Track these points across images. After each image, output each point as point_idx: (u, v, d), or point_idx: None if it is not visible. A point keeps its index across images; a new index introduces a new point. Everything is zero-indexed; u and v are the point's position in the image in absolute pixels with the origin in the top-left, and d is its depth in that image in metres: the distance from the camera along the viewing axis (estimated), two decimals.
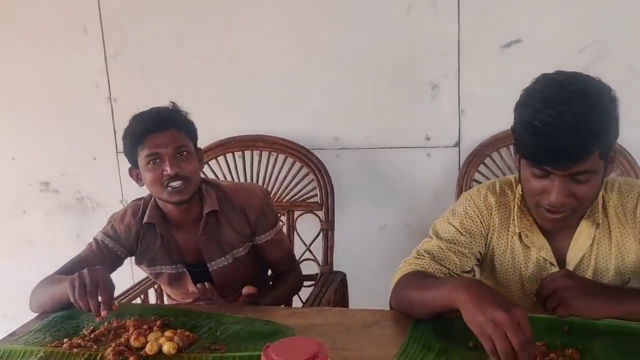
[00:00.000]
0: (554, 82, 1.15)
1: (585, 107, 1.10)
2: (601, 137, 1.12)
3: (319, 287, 1.83)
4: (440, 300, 1.14)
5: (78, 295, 1.23)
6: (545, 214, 1.21)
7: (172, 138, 1.50)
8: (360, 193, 2.15)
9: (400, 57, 2.02)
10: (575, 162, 1.11)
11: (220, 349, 1.15)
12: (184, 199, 1.52)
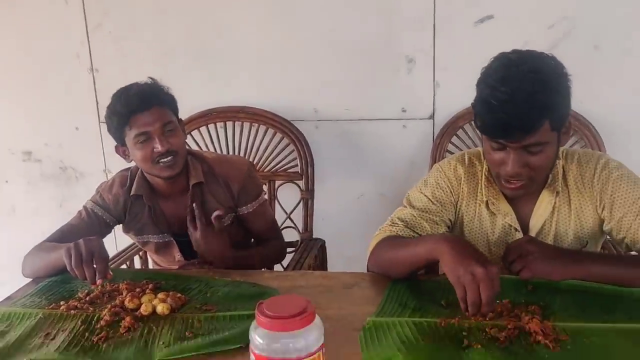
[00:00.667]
0: (509, 62, 1.23)
1: (535, 84, 1.18)
2: (551, 111, 1.21)
3: (299, 253, 1.92)
4: (421, 253, 1.24)
5: (74, 264, 1.28)
6: (505, 183, 1.31)
7: (157, 115, 1.53)
8: (339, 163, 2.22)
9: (378, 32, 2.08)
10: (526, 135, 1.21)
11: (211, 310, 1.23)
12: (174, 173, 1.57)
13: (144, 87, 1.57)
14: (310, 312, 0.87)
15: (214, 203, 1.68)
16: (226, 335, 1.10)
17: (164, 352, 1.07)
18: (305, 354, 0.85)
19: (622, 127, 2.01)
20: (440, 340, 1.06)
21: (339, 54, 2.13)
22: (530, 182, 1.30)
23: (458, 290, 1.10)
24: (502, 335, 1.05)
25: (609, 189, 1.33)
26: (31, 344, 1.13)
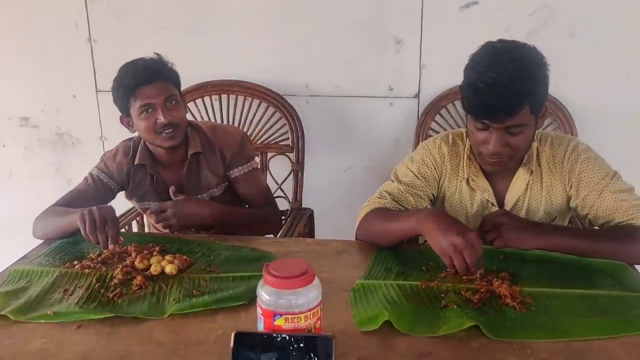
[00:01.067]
0: (495, 50, 1.36)
1: (518, 71, 1.31)
2: (531, 96, 1.34)
3: (290, 222, 2.04)
4: (406, 228, 1.37)
5: (89, 229, 1.38)
6: (487, 160, 1.44)
7: (161, 89, 1.62)
8: (328, 137, 2.33)
9: (369, 14, 2.17)
10: (508, 117, 1.34)
11: (215, 271, 1.35)
12: (176, 143, 1.67)
13: (150, 62, 1.66)
14: (311, 273, 1.00)
15: (208, 172, 1.78)
16: (230, 294, 1.23)
17: (175, 307, 1.18)
18: (306, 309, 0.98)
19: (593, 110, 2.14)
20: (421, 301, 1.20)
21: (331, 33, 2.21)
22: (509, 160, 1.43)
23: (445, 260, 1.24)
24: (475, 297, 1.19)
25: (577, 170, 1.47)
26: (52, 298, 1.24)
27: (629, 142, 2.15)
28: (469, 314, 1.12)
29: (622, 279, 1.27)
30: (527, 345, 1.04)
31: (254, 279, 1.29)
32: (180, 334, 1.11)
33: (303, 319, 0.98)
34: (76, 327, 1.13)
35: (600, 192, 1.43)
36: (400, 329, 1.09)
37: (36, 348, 1.07)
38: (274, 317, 0.98)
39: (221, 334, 1.10)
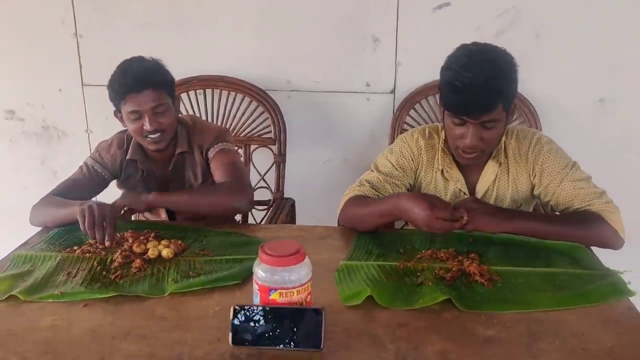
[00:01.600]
0: (470, 52, 1.48)
1: (492, 72, 1.44)
2: (504, 94, 1.47)
3: (273, 211, 2.14)
4: (386, 211, 1.50)
5: (87, 225, 1.45)
6: (462, 154, 1.57)
7: (150, 97, 1.66)
8: (308, 131, 2.42)
9: (348, 13, 2.27)
10: (484, 113, 1.47)
11: (208, 254, 1.45)
12: (161, 147, 1.74)
13: (144, 68, 1.69)
14: (302, 252, 1.11)
15: (192, 170, 1.84)
16: (225, 274, 1.33)
17: (174, 286, 1.28)
18: (298, 284, 1.09)
19: (556, 105, 2.28)
20: (400, 279, 1.32)
21: (312, 31, 2.31)
22: (482, 153, 1.56)
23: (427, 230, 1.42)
24: (448, 275, 1.31)
25: (540, 161, 1.61)
26: (56, 280, 1.33)
27: (587, 134, 2.29)
28: (442, 289, 1.24)
29: (578, 258, 1.41)
30: (493, 315, 1.17)
31: (246, 261, 1.39)
32: (181, 310, 1.21)
33: (295, 294, 1.09)
34: (83, 306, 1.23)
35: (561, 181, 1.57)
36: (381, 303, 1.21)
37: (47, 324, 1.16)
38: (270, 291, 1.09)
39: (218, 310, 1.20)
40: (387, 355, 1.05)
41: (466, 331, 1.13)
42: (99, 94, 2.45)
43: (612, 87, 2.26)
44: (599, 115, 2.31)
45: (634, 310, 1.21)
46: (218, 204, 1.66)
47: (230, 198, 1.67)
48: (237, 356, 1.05)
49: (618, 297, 1.24)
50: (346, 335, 1.11)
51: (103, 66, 2.42)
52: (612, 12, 2.18)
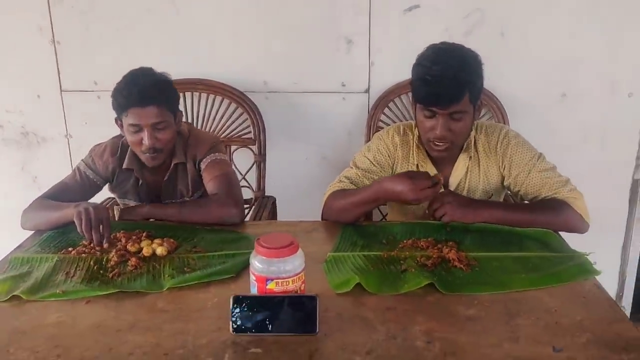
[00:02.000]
0: (439, 50, 1.60)
1: (459, 65, 1.56)
2: (470, 86, 1.58)
3: (256, 209, 2.21)
4: (371, 195, 1.60)
5: (85, 228, 1.50)
6: (434, 147, 1.67)
7: (152, 113, 1.68)
8: (286, 130, 2.49)
9: (322, 15, 2.35)
10: (452, 103, 1.58)
11: (201, 251, 1.51)
12: (157, 164, 1.77)
13: (150, 84, 1.70)
14: (296, 244, 1.19)
15: (184, 182, 1.88)
16: (219, 269, 1.40)
17: (171, 281, 1.34)
18: (292, 274, 1.17)
19: (522, 100, 2.40)
20: (385, 267, 1.40)
21: (287, 34, 2.38)
22: (452, 145, 1.66)
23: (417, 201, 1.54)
24: (429, 262, 1.40)
25: (508, 153, 1.72)
26: (56, 280, 1.37)
27: (550, 127, 2.42)
28: (425, 275, 1.33)
29: (548, 243, 1.52)
30: (474, 297, 1.27)
31: (238, 256, 1.47)
32: (181, 304, 1.27)
33: (291, 282, 1.17)
34: (85, 303, 1.28)
35: (529, 172, 1.68)
36: (369, 289, 1.29)
37: (53, 321, 1.21)
38: (266, 282, 1.16)
39: (216, 301, 1.27)
40: (378, 336, 1.13)
41: (449, 312, 1.22)
42: (77, 99, 2.51)
43: (573, 83, 2.39)
44: (561, 109, 2.44)
45: (600, 287, 1.32)
46: (209, 216, 1.69)
47: (221, 211, 1.69)
48: (239, 343, 1.12)
49: (585, 276, 1.36)
50: (339, 320, 1.19)
51: (81, 72, 2.49)
52: (572, 13, 2.31)
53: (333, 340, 1.12)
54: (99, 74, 2.47)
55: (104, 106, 2.45)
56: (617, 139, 2.47)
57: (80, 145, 2.55)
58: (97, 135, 2.01)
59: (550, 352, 1.08)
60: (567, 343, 1.10)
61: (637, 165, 2.51)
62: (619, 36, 2.33)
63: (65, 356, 1.09)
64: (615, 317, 1.20)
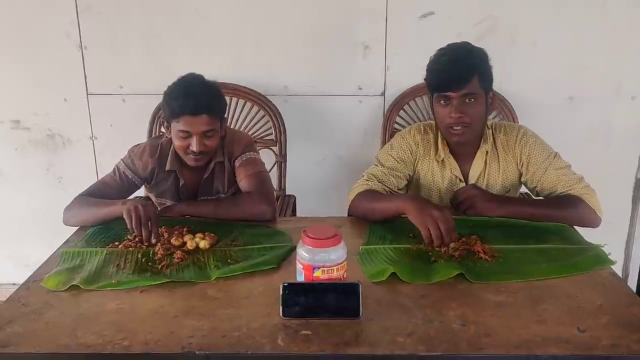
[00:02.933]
0: (448, 46, 1.77)
1: (466, 52, 1.74)
2: (479, 69, 1.73)
3: (279, 208, 2.30)
4: (392, 209, 1.68)
5: (135, 224, 1.58)
6: (452, 132, 1.77)
7: (204, 122, 1.75)
8: (304, 132, 2.59)
9: (339, 22, 2.45)
10: (463, 84, 1.70)
11: (240, 244, 1.61)
12: (199, 165, 1.86)
13: (205, 94, 1.76)
14: (339, 235, 1.29)
15: (221, 180, 1.95)
16: (261, 260, 1.49)
17: (218, 272, 1.43)
18: (337, 262, 1.27)
19: (531, 103, 2.51)
20: (415, 258, 1.51)
21: (306, 39, 2.48)
22: (469, 129, 1.77)
23: (423, 231, 1.53)
24: (456, 254, 1.50)
25: (526, 151, 1.83)
26: (108, 271, 1.46)
27: (558, 128, 2.52)
28: (453, 266, 1.43)
29: (565, 236, 1.63)
30: (500, 285, 1.37)
31: (276, 249, 1.56)
32: (230, 292, 1.37)
33: (335, 271, 1.27)
34: (140, 292, 1.37)
35: (546, 169, 1.79)
36: (403, 279, 1.39)
37: (114, 308, 1.30)
38: (313, 270, 1.26)
39: (262, 290, 1.37)
40: (416, 320, 1.23)
41: (479, 298, 1.32)
42: (103, 102, 2.60)
43: (579, 86, 2.51)
44: (567, 111, 2.55)
45: (616, 275, 1.43)
46: (244, 213, 1.77)
47: (255, 208, 1.78)
48: (289, 326, 1.21)
49: (602, 265, 1.46)
50: (378, 306, 1.29)
51: (107, 76, 2.58)
52: (578, 20, 2.43)
53: (376, 324, 1.22)
54: (125, 78, 2.56)
55: (129, 109, 2.59)
56: (621, 139, 2.59)
57: (105, 147, 2.64)
58: (121, 138, 2.09)
59: (575, 332, 1.18)
60: (590, 324, 1.21)
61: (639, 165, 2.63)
62: (622, 43, 2.45)
63: (130, 339, 1.18)
64: (632, 301, 1.31)
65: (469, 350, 1.13)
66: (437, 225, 1.50)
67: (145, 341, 1.17)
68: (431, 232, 1.51)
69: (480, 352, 1.13)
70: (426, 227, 1.52)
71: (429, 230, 1.51)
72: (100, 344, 1.16)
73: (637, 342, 1.15)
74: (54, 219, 1.82)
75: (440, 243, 1.51)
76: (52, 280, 1.41)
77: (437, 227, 1.50)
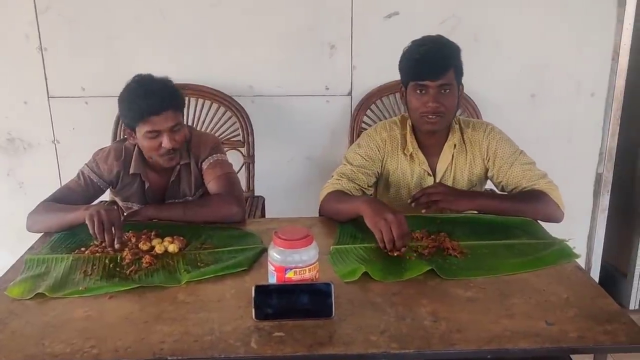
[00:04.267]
0: (422, 37, 1.81)
1: (443, 43, 1.79)
2: (454, 61, 1.78)
3: (248, 209, 2.29)
4: (353, 210, 1.68)
5: (97, 230, 1.54)
6: (427, 120, 1.80)
7: (170, 118, 1.74)
8: (273, 132, 2.58)
9: (306, 22, 2.45)
10: (441, 74, 1.74)
11: (211, 247, 1.59)
12: (174, 164, 1.84)
13: (164, 91, 1.76)
14: (311, 236, 1.29)
15: (187, 182, 1.94)
16: (232, 262, 1.48)
17: (188, 276, 1.42)
18: (309, 263, 1.27)
19: (494, 101, 2.56)
20: (386, 257, 1.52)
21: (272, 39, 2.47)
22: (442, 119, 1.80)
23: (376, 233, 1.52)
24: (426, 251, 1.53)
25: (493, 147, 1.87)
26: (75, 278, 1.43)
27: (521, 125, 2.53)
28: (424, 263, 1.45)
29: (530, 231, 1.66)
30: (469, 281, 1.39)
31: (247, 251, 1.55)
32: (201, 295, 1.35)
33: (307, 271, 1.27)
34: (109, 298, 1.35)
35: (511, 165, 1.83)
36: (375, 277, 1.40)
37: (81, 316, 1.27)
38: (285, 271, 1.26)
39: (234, 292, 1.36)
40: (388, 318, 1.24)
41: (450, 294, 1.34)
42: (65, 105, 2.54)
43: (541, 84, 2.57)
44: (530, 108, 2.61)
45: (580, 269, 1.47)
46: (213, 215, 1.76)
47: (224, 210, 1.77)
48: (262, 328, 1.21)
49: (567, 259, 1.50)
50: (350, 305, 1.30)
51: (69, 78, 2.53)
52: (540, 20, 2.49)
53: (348, 323, 1.23)
54: (87, 80, 2.51)
55: (92, 112, 2.54)
56: (582, 135, 2.66)
57: (68, 151, 2.59)
58: (85, 141, 2.04)
59: (544, 325, 1.21)
60: (558, 317, 1.24)
61: (600, 160, 2.70)
62: (583, 42, 2.52)
63: (100, 347, 1.16)
64: (597, 294, 1.34)
65: (441, 347, 1.15)
66: (390, 229, 1.50)
67: (115, 348, 1.15)
68: (383, 236, 1.50)
69: (452, 348, 1.14)
70: (379, 230, 1.51)
71: (381, 233, 1.51)
72: (69, 353, 1.14)
73: (603, 333, 1.18)
74: (16, 225, 1.77)
75: (392, 247, 1.50)
76: (16, 288, 1.37)
77: (389, 231, 1.49)
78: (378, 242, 1.53)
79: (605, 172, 2.71)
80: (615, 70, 2.56)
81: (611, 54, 2.55)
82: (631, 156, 2.76)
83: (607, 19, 2.51)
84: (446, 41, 1.80)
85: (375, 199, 1.82)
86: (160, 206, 1.84)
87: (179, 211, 1.78)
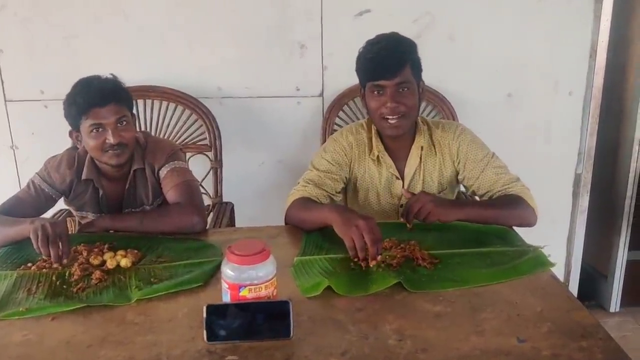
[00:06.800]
0: (375, 36, 1.74)
1: (396, 40, 1.72)
2: (410, 57, 1.71)
3: (215, 216, 2.20)
4: (320, 219, 1.60)
5: (42, 244, 1.44)
6: (387, 123, 1.73)
7: (114, 110, 1.67)
8: (242, 135, 2.50)
9: (275, 21, 2.37)
10: (396, 72, 1.67)
11: (166, 261, 1.50)
12: (122, 162, 1.74)
13: (105, 83, 1.70)
14: (267, 250, 1.20)
15: (144, 189, 1.85)
16: (187, 278, 1.39)
17: (139, 293, 1.32)
18: (265, 280, 1.18)
19: (470, 101, 2.49)
20: (351, 269, 1.43)
21: (240, 39, 2.38)
22: (404, 120, 1.73)
23: (347, 242, 1.44)
24: (394, 262, 1.44)
25: (464, 149, 1.79)
26: (17, 297, 1.33)
27: (497, 125, 2.51)
28: (391, 275, 1.37)
29: (505, 238, 1.59)
30: (439, 294, 1.31)
31: (204, 264, 1.46)
32: (151, 315, 1.26)
33: (263, 289, 1.18)
34: (51, 319, 1.25)
35: (483, 168, 1.76)
36: (339, 292, 1.31)
37: (19, 340, 1.18)
38: (239, 289, 1.17)
39: (187, 311, 1.26)
40: (350, 337, 1.16)
41: (417, 309, 1.26)
42: (23, 109, 2.44)
43: (518, 83, 2.50)
44: (507, 108, 2.55)
45: (555, 278, 1.39)
46: (171, 226, 1.68)
47: (183, 220, 1.69)
48: (213, 352, 1.12)
49: (541, 268, 1.42)
50: (311, 323, 1.21)
51: (27, 81, 2.42)
52: (516, 18, 2.42)
53: (308, 344, 1.14)
54: (46, 82, 2.40)
55: (52, 116, 2.43)
56: (560, 135, 2.60)
57: (28, 157, 2.48)
58: (45, 146, 1.96)
59: (515, 342, 1.13)
60: (530, 333, 1.16)
61: (579, 160, 2.64)
62: (559, 40, 2.46)
63: None
64: (573, 306, 1.27)
65: None
66: (362, 236, 1.42)
67: None
68: (355, 244, 1.42)
69: None
70: (350, 238, 1.43)
71: (353, 241, 1.43)
72: None
73: (578, 350, 1.10)
74: None
75: (365, 255, 1.42)
76: None
77: (361, 238, 1.42)
78: (349, 252, 1.44)
79: (585, 172, 2.65)
80: (593, 68, 2.50)
81: (589, 52, 2.49)
82: (610, 155, 2.71)
83: (584, 16, 2.45)
84: (401, 37, 1.73)
85: (344, 206, 1.74)
86: (116, 216, 1.74)
87: (136, 221, 1.70)
